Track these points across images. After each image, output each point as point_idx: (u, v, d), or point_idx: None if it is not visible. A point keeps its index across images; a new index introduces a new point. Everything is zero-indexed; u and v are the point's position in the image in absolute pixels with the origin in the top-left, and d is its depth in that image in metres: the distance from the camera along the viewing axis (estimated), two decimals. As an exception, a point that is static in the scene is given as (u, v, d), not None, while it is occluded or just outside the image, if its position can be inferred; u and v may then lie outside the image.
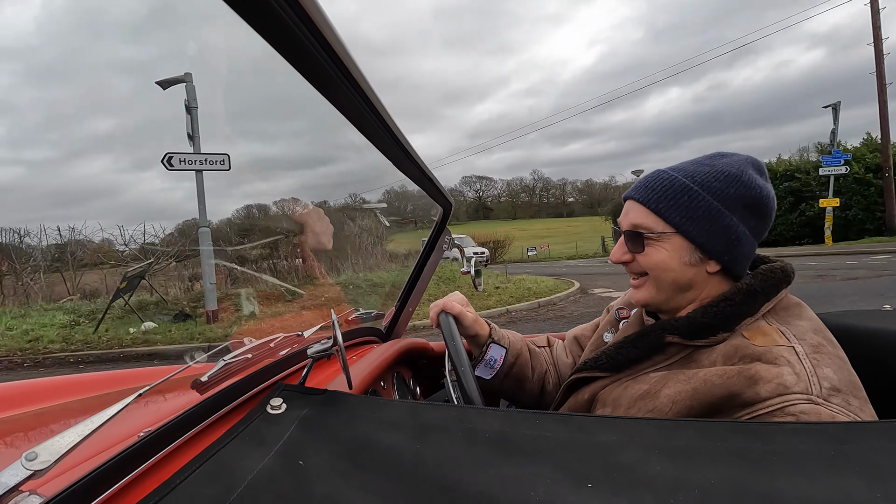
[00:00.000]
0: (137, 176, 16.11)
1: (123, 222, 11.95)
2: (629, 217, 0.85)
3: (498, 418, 0.60)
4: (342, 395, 0.67)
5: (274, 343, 0.86)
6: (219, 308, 7.85)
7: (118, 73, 12.45)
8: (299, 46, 0.49)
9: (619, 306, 1.06)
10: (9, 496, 0.40)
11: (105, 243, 12.53)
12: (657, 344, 0.81)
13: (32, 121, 20.94)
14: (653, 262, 0.82)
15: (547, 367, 1.18)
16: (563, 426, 0.58)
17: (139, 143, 11.87)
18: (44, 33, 29.34)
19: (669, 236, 0.80)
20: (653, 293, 0.84)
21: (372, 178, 1.46)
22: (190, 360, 0.76)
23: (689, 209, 0.79)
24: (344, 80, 0.58)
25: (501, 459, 0.52)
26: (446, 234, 1.63)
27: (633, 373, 0.84)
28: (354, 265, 3.20)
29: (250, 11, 0.43)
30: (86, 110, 25.15)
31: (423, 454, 0.52)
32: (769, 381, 0.66)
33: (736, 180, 0.79)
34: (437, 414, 0.62)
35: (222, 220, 8.55)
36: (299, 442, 0.56)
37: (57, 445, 0.43)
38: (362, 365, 1.12)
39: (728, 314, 0.77)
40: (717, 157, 0.84)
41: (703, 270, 0.81)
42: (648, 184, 0.84)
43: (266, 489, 0.47)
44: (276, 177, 1.16)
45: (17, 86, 21.84)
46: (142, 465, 0.49)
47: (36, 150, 19.23)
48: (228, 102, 0.88)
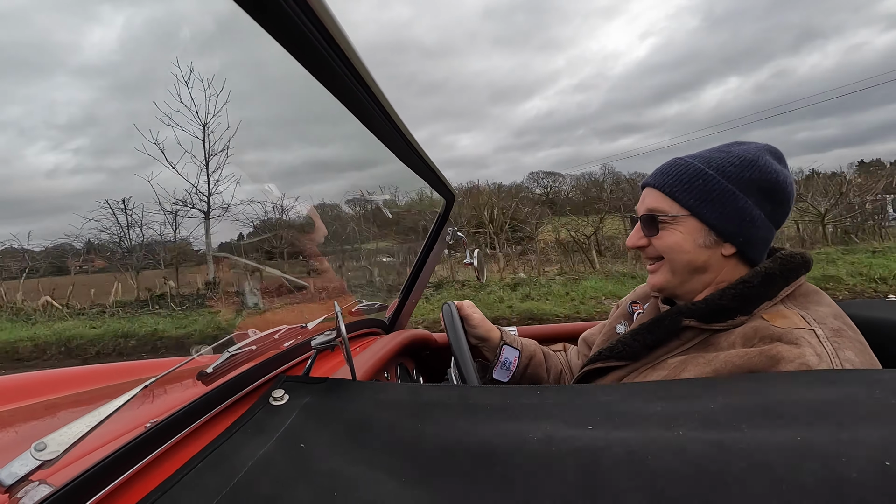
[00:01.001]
0: (200, 179, 16.30)
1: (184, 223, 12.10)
2: (645, 202, 0.86)
3: (499, 393, 0.62)
4: (344, 382, 0.68)
5: (278, 335, 0.86)
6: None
7: (184, 85, 12.78)
8: (304, 41, 0.49)
9: (632, 300, 1.06)
10: (19, 486, 0.41)
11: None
12: (673, 328, 0.81)
13: (114, 131, 21.54)
14: (667, 245, 0.83)
15: (562, 368, 1.19)
16: (565, 393, 0.60)
17: (202, 147, 12.24)
18: (126, 50, 29.55)
19: (683, 219, 0.81)
20: (668, 276, 0.85)
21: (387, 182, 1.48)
22: (195, 352, 0.77)
23: (704, 192, 0.79)
24: (347, 73, 0.58)
25: (501, 420, 0.53)
26: (449, 226, 1.63)
27: (651, 360, 0.84)
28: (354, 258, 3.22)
29: (259, 9, 0.44)
30: (157, 120, 25.70)
31: (424, 429, 0.53)
32: (791, 360, 0.66)
33: (751, 164, 0.79)
34: (438, 393, 0.63)
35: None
36: (300, 427, 0.56)
37: (66, 436, 0.44)
38: (366, 356, 1.12)
39: (746, 297, 0.77)
40: (735, 144, 0.84)
41: (717, 253, 0.81)
42: (665, 170, 0.85)
43: (266, 472, 0.47)
44: (284, 177, 1.18)
45: (101, 100, 22.56)
46: (149, 455, 0.50)
47: (116, 158, 19.79)
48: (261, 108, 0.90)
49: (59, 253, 12.55)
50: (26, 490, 0.41)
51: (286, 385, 0.66)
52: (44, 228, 19.26)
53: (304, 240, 1.41)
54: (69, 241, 12.66)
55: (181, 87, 6.16)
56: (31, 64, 19.28)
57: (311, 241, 1.41)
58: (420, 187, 1.32)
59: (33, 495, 0.41)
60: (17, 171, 17.38)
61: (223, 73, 1.10)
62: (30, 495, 0.41)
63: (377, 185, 1.50)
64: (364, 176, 1.52)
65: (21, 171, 17.72)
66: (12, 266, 12.10)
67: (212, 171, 9.61)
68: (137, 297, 11.25)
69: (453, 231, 1.66)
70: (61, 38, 22.49)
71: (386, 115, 0.74)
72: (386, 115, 0.75)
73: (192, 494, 0.44)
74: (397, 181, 1.52)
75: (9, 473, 0.40)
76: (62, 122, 20.22)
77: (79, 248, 12.73)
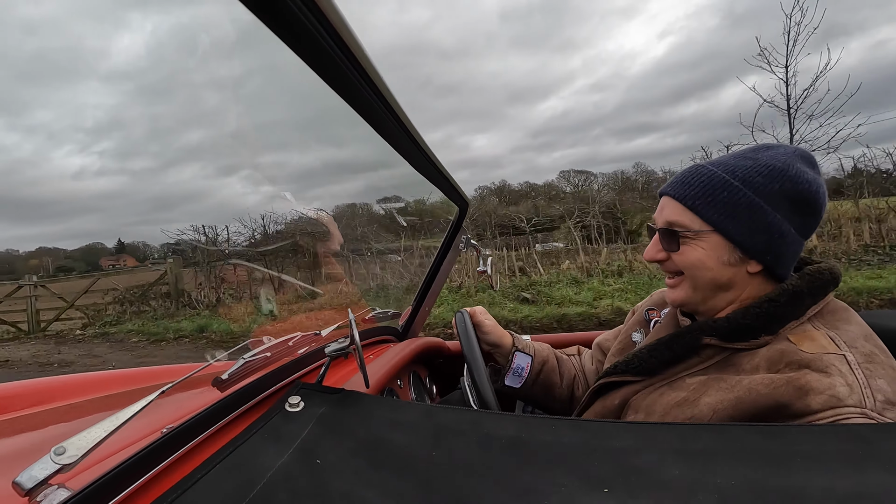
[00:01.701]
0: (221, 181, 16.97)
1: (211, 223, 12.29)
2: (664, 214, 0.82)
3: (513, 423, 0.60)
4: (358, 395, 0.68)
5: (292, 342, 0.87)
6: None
7: (208, 89, 13.19)
8: (321, 52, 0.50)
9: (649, 307, 1.02)
10: (38, 489, 0.41)
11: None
12: (693, 346, 0.78)
13: (138, 134, 22.83)
14: (689, 262, 0.78)
15: (576, 373, 1.17)
16: (579, 431, 0.58)
17: (223, 151, 12.47)
18: (152, 56, 32.16)
19: (706, 235, 0.76)
20: (689, 293, 0.80)
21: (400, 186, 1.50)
22: (211, 359, 0.78)
23: (728, 206, 0.74)
24: (361, 81, 0.58)
25: (516, 467, 0.51)
26: (462, 234, 1.63)
27: (667, 377, 0.80)
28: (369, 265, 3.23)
29: (274, 17, 0.44)
30: (181, 123, 27.04)
31: (437, 459, 0.52)
32: (820, 392, 0.62)
33: (781, 175, 0.73)
34: (452, 417, 0.62)
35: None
36: (316, 440, 0.56)
37: (84, 440, 0.44)
38: (379, 364, 1.12)
39: (771, 316, 0.72)
40: (762, 149, 0.79)
41: (743, 270, 0.76)
42: (685, 179, 0.80)
43: (284, 487, 0.47)
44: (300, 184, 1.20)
45: (126, 104, 23.95)
46: (165, 460, 0.50)
47: (139, 160, 20.89)
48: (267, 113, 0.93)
49: (92, 252, 12.84)
50: (45, 493, 0.42)
51: (302, 392, 0.67)
52: (68, 229, 19.75)
53: (320, 247, 1.42)
54: (100, 241, 12.97)
55: (201, 92, 6.30)
56: (64, 70, 20.06)
57: (327, 248, 1.42)
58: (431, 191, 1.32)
59: (52, 499, 0.41)
60: (46, 173, 18.03)
61: (238, 80, 1.14)
62: (49, 499, 0.41)
63: (393, 189, 1.52)
64: (378, 181, 1.53)
65: (49, 173, 18.37)
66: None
67: (230, 177, 9.78)
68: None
69: (466, 239, 1.66)
70: (92, 45, 23.37)
71: (400, 122, 0.75)
72: (399, 123, 0.75)
73: (208, 497, 0.44)
74: (411, 186, 1.52)
75: (29, 477, 0.41)
76: (89, 126, 20.90)
77: (110, 248, 13.01)
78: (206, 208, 18.90)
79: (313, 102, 0.73)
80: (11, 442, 0.85)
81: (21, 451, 0.76)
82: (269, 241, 7.02)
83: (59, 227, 49.78)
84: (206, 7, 0.57)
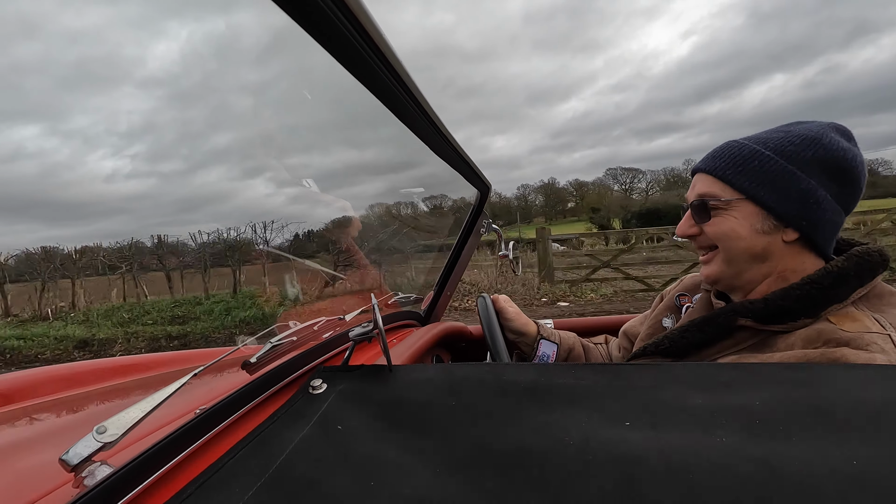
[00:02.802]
0: (245, 183, 17.52)
1: (234, 224, 12.63)
2: (696, 188, 0.80)
3: (533, 370, 0.61)
4: (379, 367, 0.69)
5: (317, 326, 0.88)
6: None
7: (236, 94, 13.33)
8: (346, 43, 0.50)
9: (680, 292, 1.00)
10: (83, 466, 0.43)
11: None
12: (727, 327, 0.75)
13: (169, 138, 23.70)
14: (721, 232, 0.76)
15: (603, 362, 1.17)
16: (599, 374, 0.58)
17: (248, 153, 12.70)
18: (186, 63, 33.27)
19: (738, 203, 0.74)
20: (723, 267, 0.78)
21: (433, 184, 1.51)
22: (240, 343, 0.80)
23: (760, 174, 0.72)
24: (379, 64, 0.58)
25: (536, 409, 0.52)
26: (484, 218, 1.63)
27: (699, 359, 0.78)
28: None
29: (307, 19, 0.45)
30: (210, 127, 27.97)
31: (457, 409, 0.53)
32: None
33: (814, 142, 0.71)
34: (471, 371, 0.63)
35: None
36: (337, 410, 0.58)
37: (123, 420, 0.47)
38: (402, 347, 1.14)
39: (814, 299, 0.69)
40: (795, 124, 0.77)
41: (778, 239, 0.74)
42: (716, 153, 0.79)
43: (306, 455, 0.49)
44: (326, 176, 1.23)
45: (159, 109, 24.84)
46: (198, 439, 0.52)
47: (169, 163, 21.72)
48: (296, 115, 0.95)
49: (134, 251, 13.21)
50: (90, 470, 0.44)
51: (324, 374, 0.68)
52: (98, 230, 20.61)
53: (341, 233, 1.44)
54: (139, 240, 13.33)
55: (230, 96, 6.35)
56: (101, 76, 20.69)
57: (347, 234, 1.44)
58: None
59: (96, 475, 0.43)
60: (80, 175, 18.75)
61: (265, 85, 1.15)
62: (93, 475, 0.44)
63: (416, 184, 1.53)
64: (400, 177, 1.54)
65: (83, 175, 19.10)
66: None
67: (254, 179, 9.98)
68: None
69: (488, 223, 1.66)
70: (129, 53, 24.05)
71: (418, 105, 0.75)
72: (418, 106, 0.75)
73: (237, 477, 0.46)
74: (437, 186, 1.54)
75: (74, 454, 0.43)
76: (122, 130, 21.60)
77: (149, 247, 13.36)
78: (230, 209, 19.38)
79: (337, 104, 0.74)
80: (56, 421, 0.89)
81: (65, 430, 0.81)
82: (302, 240, 7.18)
83: (89, 229, 51.87)
84: (240, 13, 0.58)
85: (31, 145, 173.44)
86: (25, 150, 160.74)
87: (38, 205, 66.00)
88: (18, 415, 0.93)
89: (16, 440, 0.77)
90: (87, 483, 0.43)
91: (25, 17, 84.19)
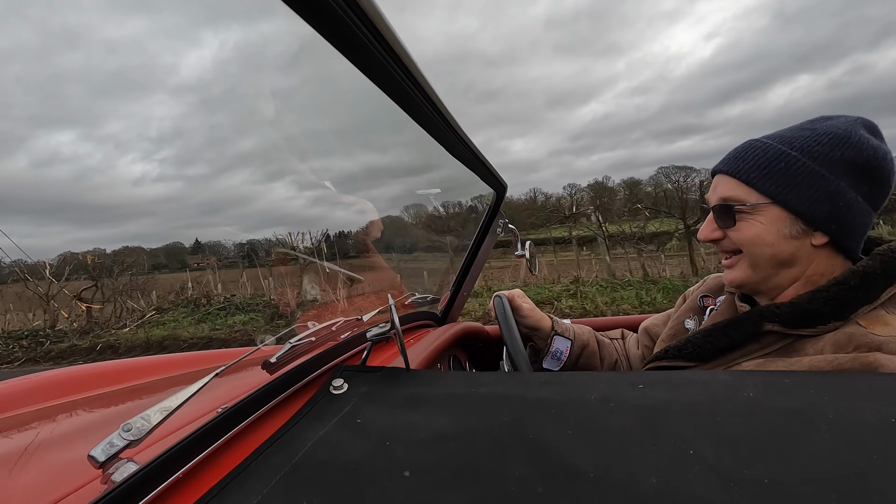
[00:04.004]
0: (268, 186, 17.93)
1: (253, 227, 12.86)
2: (718, 191, 0.78)
3: (554, 374, 0.62)
4: (399, 370, 0.69)
5: (335, 327, 0.89)
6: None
7: (261, 99, 13.76)
8: (353, 38, 0.50)
9: (703, 293, 0.97)
10: (110, 462, 0.45)
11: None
12: (753, 332, 0.73)
13: (197, 142, 24.45)
14: (746, 238, 0.74)
15: (618, 358, 1.15)
16: (620, 374, 0.60)
17: (271, 157, 12.97)
18: (218, 70, 34.53)
19: (764, 207, 0.72)
20: (748, 272, 0.76)
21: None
22: (260, 343, 0.81)
23: (786, 177, 0.70)
24: (396, 69, 0.59)
25: (557, 387, 0.54)
26: (500, 218, 1.62)
27: (723, 363, 0.76)
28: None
29: (330, 30, 0.47)
30: (236, 132, 28.90)
31: (477, 391, 0.55)
32: (892, 371, 0.57)
33: (842, 142, 0.68)
34: (493, 376, 0.64)
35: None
36: (357, 407, 0.59)
37: (149, 418, 0.48)
38: (419, 348, 1.14)
39: (841, 300, 0.67)
40: (820, 120, 0.74)
41: (806, 243, 0.71)
42: (738, 154, 0.76)
43: (325, 444, 0.50)
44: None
45: (189, 114, 25.71)
46: (220, 438, 0.53)
47: (196, 167, 22.40)
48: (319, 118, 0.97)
49: (174, 251, 13.42)
50: (116, 466, 0.45)
51: (345, 374, 0.69)
52: (124, 232, 21.15)
53: (360, 235, 1.45)
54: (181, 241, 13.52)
55: (258, 102, 6.51)
56: (137, 84, 21.38)
57: (367, 235, 1.45)
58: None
59: (123, 471, 0.45)
60: (110, 179, 19.32)
61: (290, 91, 1.18)
62: (120, 471, 0.45)
63: (433, 186, 1.54)
64: (418, 180, 1.56)
65: (113, 179, 19.68)
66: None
67: (275, 182, 10.11)
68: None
69: (504, 223, 1.65)
70: (165, 61, 24.79)
71: (433, 105, 0.75)
72: (433, 106, 0.75)
73: (262, 476, 0.47)
74: (455, 190, 1.55)
75: (102, 451, 0.44)
76: (153, 135, 22.22)
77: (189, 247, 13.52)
78: (251, 212, 19.70)
79: (354, 108, 0.75)
80: (84, 419, 0.92)
81: (93, 427, 0.83)
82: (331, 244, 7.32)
83: (116, 231, 53.55)
84: (270, 23, 0.59)
85: (66, 150, 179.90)
86: (61, 155, 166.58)
87: (69, 207, 68.74)
88: (49, 412, 0.96)
89: (48, 437, 0.79)
90: (114, 479, 0.44)
91: (70, 28, 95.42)
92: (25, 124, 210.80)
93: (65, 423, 0.89)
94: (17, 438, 0.81)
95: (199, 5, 32.19)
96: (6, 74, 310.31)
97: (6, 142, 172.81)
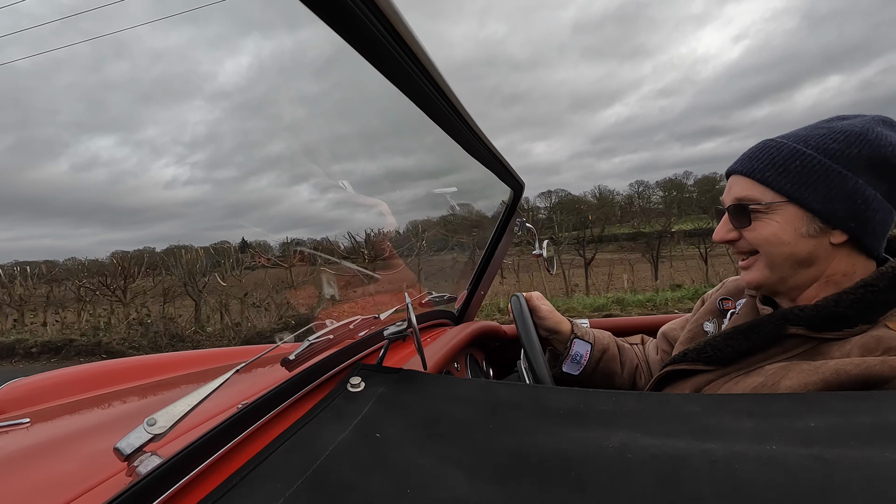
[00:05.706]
0: (292, 189, 18.32)
1: (276, 229, 13.09)
2: (732, 191, 0.77)
3: (573, 396, 0.60)
4: (416, 374, 0.70)
5: (353, 325, 0.90)
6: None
7: (291, 105, 14.04)
8: (374, 42, 0.50)
9: (723, 296, 0.95)
10: (135, 455, 0.46)
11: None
12: (776, 335, 0.71)
13: (228, 147, 25.20)
14: (762, 237, 0.72)
15: (638, 363, 1.13)
16: (642, 401, 0.57)
17: (296, 161, 13.26)
18: (254, 77, 35.87)
19: (780, 206, 0.70)
20: (765, 273, 0.74)
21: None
22: (279, 340, 0.82)
23: (802, 174, 0.68)
24: (413, 68, 0.59)
25: (575, 428, 0.51)
26: (517, 217, 1.61)
27: (744, 367, 0.74)
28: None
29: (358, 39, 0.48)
30: (266, 136, 29.80)
31: (495, 427, 0.53)
32: None
33: (860, 139, 0.67)
34: (510, 391, 0.63)
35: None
36: (376, 416, 0.59)
37: (172, 413, 0.49)
38: (436, 346, 1.14)
39: (869, 303, 0.65)
40: (836, 119, 0.73)
41: (825, 242, 0.70)
42: (752, 154, 0.75)
43: (344, 458, 0.50)
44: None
45: (223, 119, 26.55)
46: (241, 433, 0.54)
47: (225, 170, 23.11)
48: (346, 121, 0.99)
49: (220, 251, 13.60)
50: (141, 459, 0.46)
51: (362, 372, 0.70)
52: (153, 234, 21.69)
53: (378, 235, 1.46)
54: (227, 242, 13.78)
55: (288, 107, 6.61)
56: (176, 91, 21.97)
57: (385, 235, 1.46)
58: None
59: (147, 464, 0.46)
60: (143, 182, 19.87)
61: (318, 97, 1.20)
62: (144, 464, 0.46)
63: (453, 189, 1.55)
64: (438, 183, 1.56)
65: (146, 182, 20.22)
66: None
67: (304, 181, 10.24)
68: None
69: (521, 222, 1.64)
70: (204, 69, 25.43)
71: (451, 105, 0.75)
72: (451, 106, 0.75)
73: (277, 472, 0.48)
74: (473, 192, 1.55)
75: (127, 444, 0.45)
76: (187, 140, 22.79)
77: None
78: (273, 214, 19.96)
79: (377, 111, 0.76)
80: (110, 412, 0.95)
81: (118, 421, 0.85)
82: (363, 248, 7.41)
83: (145, 233, 55.04)
84: (300, 32, 0.62)
85: (105, 154, 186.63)
86: (100, 159, 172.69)
87: (103, 209, 70.58)
88: (79, 406, 0.99)
89: (77, 429, 0.81)
90: (139, 472, 0.45)
91: (119, 39, 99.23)
92: (70, 130, 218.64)
93: (93, 416, 0.92)
94: (48, 429, 0.84)
95: (239, 17, 33.43)
96: (58, 83, 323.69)
97: (52, 146, 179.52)
